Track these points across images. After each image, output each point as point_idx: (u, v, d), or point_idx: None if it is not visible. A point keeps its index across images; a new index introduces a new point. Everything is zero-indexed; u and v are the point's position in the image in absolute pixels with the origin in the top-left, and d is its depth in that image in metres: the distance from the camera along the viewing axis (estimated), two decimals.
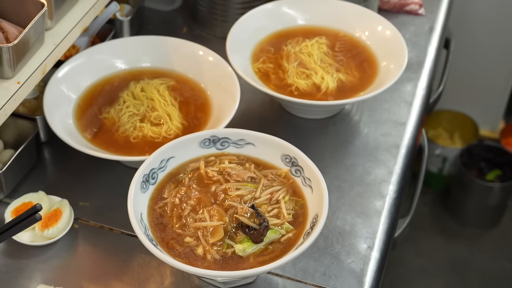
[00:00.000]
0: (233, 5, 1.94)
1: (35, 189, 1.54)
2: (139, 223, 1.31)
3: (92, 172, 1.63)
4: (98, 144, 1.61)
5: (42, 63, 1.49)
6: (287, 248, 1.31)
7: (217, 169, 1.44)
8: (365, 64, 1.79)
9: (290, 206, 1.37)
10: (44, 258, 1.45)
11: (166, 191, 1.41)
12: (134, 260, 1.45)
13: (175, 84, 1.73)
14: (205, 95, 1.71)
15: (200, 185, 1.41)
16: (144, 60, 1.79)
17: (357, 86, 1.73)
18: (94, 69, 1.74)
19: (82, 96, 1.71)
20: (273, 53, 1.80)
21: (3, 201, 1.55)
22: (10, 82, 1.43)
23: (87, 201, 1.57)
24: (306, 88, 1.72)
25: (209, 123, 1.63)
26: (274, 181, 1.41)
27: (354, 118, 1.78)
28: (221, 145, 1.48)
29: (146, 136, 1.61)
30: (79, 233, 1.50)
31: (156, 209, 1.38)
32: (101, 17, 1.84)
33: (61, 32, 1.55)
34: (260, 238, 1.31)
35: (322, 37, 1.83)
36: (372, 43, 1.82)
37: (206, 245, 1.31)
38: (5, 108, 1.40)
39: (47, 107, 1.60)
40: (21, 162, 1.57)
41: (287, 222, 1.35)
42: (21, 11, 1.49)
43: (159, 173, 1.42)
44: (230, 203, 1.36)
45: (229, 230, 1.33)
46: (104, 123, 1.66)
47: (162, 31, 1.91)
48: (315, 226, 1.30)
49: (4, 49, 1.39)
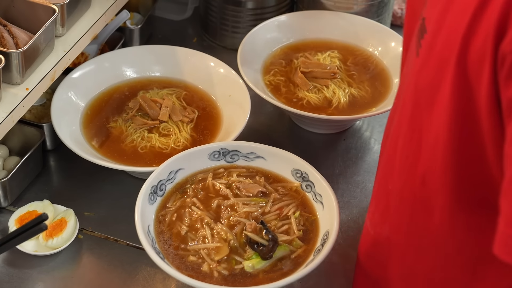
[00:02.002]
0: (244, 17, 1.92)
1: (40, 198, 1.52)
2: (146, 236, 1.28)
3: (98, 181, 1.60)
4: (105, 154, 1.58)
5: (51, 69, 1.47)
6: (297, 265, 1.29)
7: (225, 182, 1.41)
8: (378, 80, 1.76)
9: (300, 222, 1.35)
10: (48, 269, 1.42)
11: (170, 201, 1.39)
12: (139, 273, 1.42)
13: (185, 95, 1.71)
14: (215, 107, 1.69)
15: (204, 199, 1.38)
16: (153, 70, 1.77)
17: (369, 101, 1.71)
18: (103, 77, 1.72)
19: (90, 104, 1.68)
20: (284, 65, 1.78)
21: (7, 209, 1.52)
22: (19, 88, 1.42)
23: (92, 211, 1.54)
24: (317, 102, 1.69)
25: (218, 135, 1.61)
26: (285, 196, 1.39)
27: (365, 134, 1.76)
28: (230, 158, 1.46)
29: (154, 147, 1.59)
30: (83, 244, 1.48)
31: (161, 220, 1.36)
32: (111, 25, 1.82)
33: (71, 39, 1.54)
34: (269, 255, 1.28)
35: (334, 51, 1.81)
36: (385, 58, 1.80)
37: (212, 262, 1.28)
38: (13, 114, 1.38)
39: (54, 114, 1.58)
40: (27, 170, 1.55)
41: (297, 239, 1.32)
42: (31, 16, 1.48)
43: (167, 185, 1.40)
44: (237, 219, 1.34)
45: (235, 247, 1.30)
46: (112, 132, 1.63)
47: (172, 40, 1.89)
48: (326, 243, 1.27)
49: (13, 55, 1.37)
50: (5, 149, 1.59)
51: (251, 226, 1.31)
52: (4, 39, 1.41)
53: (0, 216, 1.51)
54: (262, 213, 1.36)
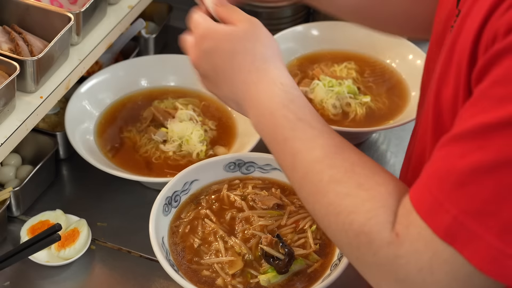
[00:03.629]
0: None
1: (52, 207, 1.50)
2: (160, 247, 1.26)
3: (111, 191, 1.58)
4: (119, 163, 1.57)
5: (66, 78, 1.46)
6: (313, 280, 1.26)
7: (240, 194, 1.39)
8: (395, 92, 1.74)
9: (317, 236, 1.32)
10: (59, 279, 1.40)
11: (184, 212, 1.36)
12: (152, 285, 1.40)
13: (200, 105, 1.69)
14: (230, 118, 1.67)
15: (218, 211, 1.36)
16: (168, 79, 1.75)
17: (386, 114, 1.69)
18: (117, 86, 1.71)
19: (104, 113, 1.67)
20: (300, 76, 1.76)
21: (19, 218, 1.51)
22: (33, 97, 1.40)
23: (105, 222, 1.52)
24: (334, 114, 1.67)
25: (234, 147, 1.59)
26: (301, 208, 1.36)
27: (381, 147, 1.73)
28: (246, 169, 1.43)
29: (169, 157, 1.57)
30: (96, 255, 1.46)
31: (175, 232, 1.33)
32: (126, 34, 1.81)
33: (86, 48, 1.52)
34: (285, 269, 1.26)
35: (351, 62, 1.79)
36: (402, 71, 1.78)
37: (226, 276, 1.26)
38: (27, 122, 1.36)
39: (68, 123, 1.57)
40: (39, 179, 1.53)
41: (313, 253, 1.29)
42: (47, 24, 1.46)
43: (182, 196, 1.38)
44: (253, 232, 1.31)
45: (250, 260, 1.28)
46: (126, 142, 1.62)
47: None
48: (343, 258, 1.25)
49: (28, 63, 1.36)
50: (18, 158, 1.58)
51: (267, 240, 1.29)
52: (19, 46, 1.40)
53: (12, 225, 1.49)
54: (278, 226, 1.33)
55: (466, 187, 0.78)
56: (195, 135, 1.58)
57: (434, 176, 0.82)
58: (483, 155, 0.77)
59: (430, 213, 0.81)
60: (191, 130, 1.58)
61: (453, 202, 0.79)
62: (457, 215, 0.78)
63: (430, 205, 0.81)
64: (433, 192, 0.81)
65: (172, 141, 1.58)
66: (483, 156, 0.77)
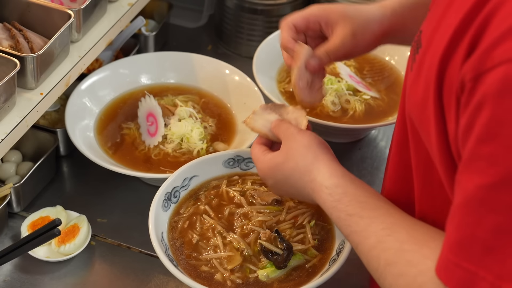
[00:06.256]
0: (260, 24, 1.91)
1: (52, 203, 1.51)
2: (160, 243, 1.26)
3: (111, 188, 1.59)
4: (119, 160, 1.57)
5: (66, 75, 1.46)
6: (312, 275, 1.26)
7: (240, 189, 1.40)
8: (394, 89, 1.75)
9: (316, 231, 1.33)
10: (60, 275, 1.41)
11: (183, 207, 1.37)
12: (152, 281, 1.41)
13: (202, 102, 1.69)
14: (230, 114, 1.68)
15: (217, 206, 1.37)
16: (168, 77, 1.76)
17: (385, 110, 1.69)
18: (117, 83, 1.71)
19: (104, 110, 1.67)
20: None
21: (20, 215, 1.51)
22: (33, 93, 1.41)
23: (105, 218, 1.53)
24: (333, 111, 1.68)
25: (233, 143, 1.60)
26: (300, 204, 1.37)
27: (380, 144, 1.74)
28: (245, 165, 1.44)
29: (168, 153, 1.58)
30: (96, 251, 1.46)
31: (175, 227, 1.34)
32: (126, 32, 1.82)
33: (86, 45, 1.53)
34: (284, 264, 1.26)
35: (350, 59, 1.79)
36: (401, 68, 1.78)
37: (225, 271, 1.27)
38: (27, 119, 1.37)
39: (68, 119, 1.57)
40: (40, 175, 1.54)
41: (312, 248, 1.30)
42: (47, 21, 1.47)
43: (181, 192, 1.39)
44: (251, 227, 1.32)
45: (249, 255, 1.29)
46: (125, 139, 1.62)
47: (187, 48, 1.88)
48: (341, 253, 1.25)
49: (28, 59, 1.36)
50: (18, 155, 1.58)
51: (266, 235, 1.29)
52: (19, 43, 1.40)
53: (12, 221, 1.50)
54: (277, 221, 1.34)
55: (495, 251, 0.79)
56: (196, 133, 1.58)
57: (457, 249, 0.82)
58: (499, 217, 0.78)
59: (464, 286, 0.81)
60: (191, 128, 1.59)
61: (487, 268, 0.79)
62: (494, 281, 0.79)
63: (462, 278, 0.81)
64: (462, 265, 0.81)
65: (171, 141, 1.58)
66: (498, 218, 0.78)
